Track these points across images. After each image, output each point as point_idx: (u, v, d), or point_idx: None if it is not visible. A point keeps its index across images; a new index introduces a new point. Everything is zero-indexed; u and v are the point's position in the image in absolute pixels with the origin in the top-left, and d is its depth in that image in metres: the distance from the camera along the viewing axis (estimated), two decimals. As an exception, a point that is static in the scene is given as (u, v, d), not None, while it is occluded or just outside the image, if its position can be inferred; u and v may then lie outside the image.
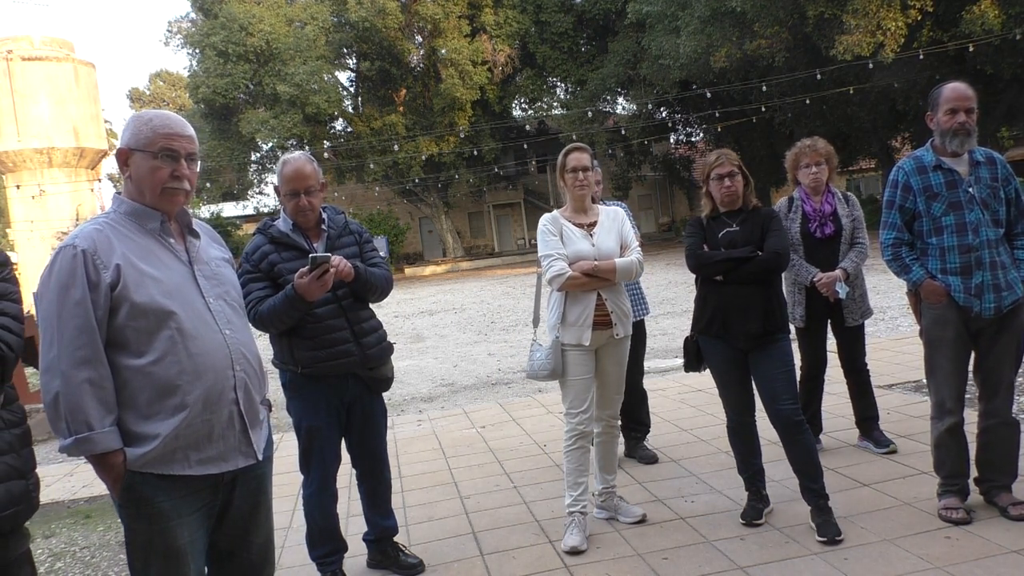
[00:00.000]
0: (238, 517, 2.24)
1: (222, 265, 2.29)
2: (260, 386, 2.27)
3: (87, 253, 2.00)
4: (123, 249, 2.05)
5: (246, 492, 2.23)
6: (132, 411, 2.02)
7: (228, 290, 2.25)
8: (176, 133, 2.13)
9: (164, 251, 2.14)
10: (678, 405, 5.90)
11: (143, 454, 2.01)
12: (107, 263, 2.01)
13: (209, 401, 2.07)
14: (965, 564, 2.93)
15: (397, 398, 7.90)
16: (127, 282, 2.01)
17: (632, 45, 28.55)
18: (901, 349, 6.93)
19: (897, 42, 18.72)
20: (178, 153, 2.13)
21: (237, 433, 2.15)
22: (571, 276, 3.47)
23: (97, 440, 1.97)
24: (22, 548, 2.18)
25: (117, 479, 2.02)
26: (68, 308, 1.97)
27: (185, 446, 2.05)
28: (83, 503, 5.27)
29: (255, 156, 35.37)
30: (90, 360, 1.97)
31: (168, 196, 2.14)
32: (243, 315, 2.30)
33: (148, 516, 2.04)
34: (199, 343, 2.07)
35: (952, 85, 3.33)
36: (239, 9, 30.95)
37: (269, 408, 2.38)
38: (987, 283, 3.24)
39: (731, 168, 3.51)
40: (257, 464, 2.23)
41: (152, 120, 2.14)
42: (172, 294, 2.07)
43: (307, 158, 3.26)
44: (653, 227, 40.68)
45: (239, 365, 2.16)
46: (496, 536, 3.76)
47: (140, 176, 2.13)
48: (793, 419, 3.42)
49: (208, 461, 2.09)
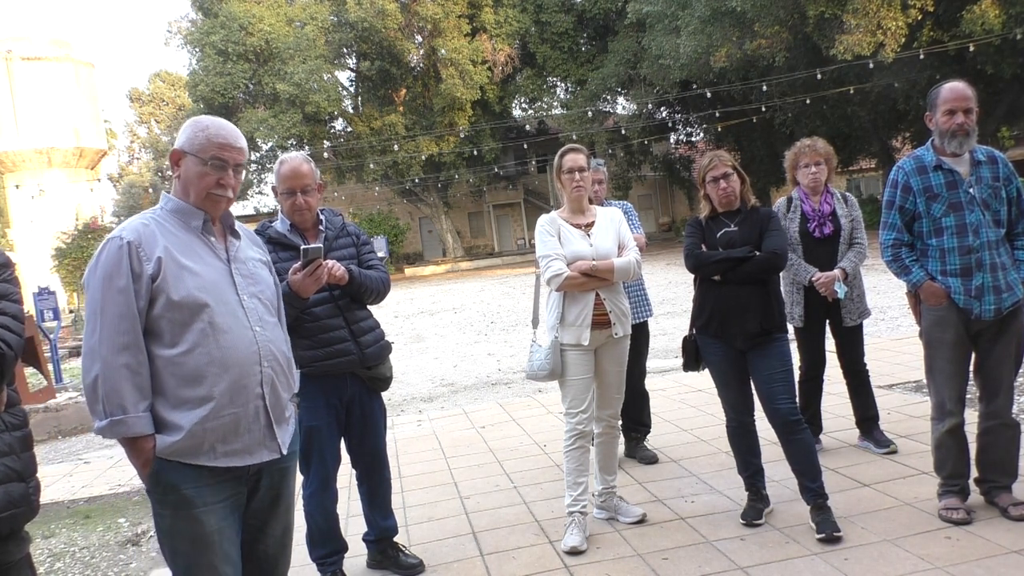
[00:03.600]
0: (258, 508, 2.30)
1: (259, 266, 2.38)
2: (288, 383, 2.34)
3: (132, 245, 2.10)
4: (166, 243, 2.15)
5: (270, 484, 2.30)
6: (162, 399, 2.11)
7: (263, 289, 2.33)
8: (228, 144, 2.24)
9: (204, 248, 2.23)
10: (678, 405, 5.90)
11: (172, 443, 2.09)
12: (150, 255, 2.10)
13: (235, 394, 2.14)
14: (965, 564, 2.92)
15: (397, 398, 7.90)
16: (166, 275, 2.10)
17: (632, 45, 28.54)
18: (901, 349, 6.93)
19: (897, 42, 18.71)
20: (227, 163, 2.23)
21: (262, 427, 2.22)
22: (569, 276, 3.47)
23: (131, 423, 2.05)
24: (22, 552, 2.17)
25: (146, 464, 2.10)
26: (112, 296, 2.07)
27: (212, 439, 2.12)
28: (83, 503, 5.27)
29: (255, 156, 35.30)
30: (129, 346, 2.06)
31: (212, 201, 2.24)
32: (275, 315, 2.37)
33: (174, 502, 2.12)
34: (229, 337, 2.15)
35: (951, 85, 3.31)
36: (239, 8, 30.95)
37: (297, 405, 2.44)
38: (987, 285, 3.23)
39: (725, 169, 3.52)
40: (282, 458, 2.29)
41: (208, 128, 2.24)
42: (208, 288, 2.15)
43: (304, 158, 3.29)
44: (653, 227, 40.67)
45: (267, 362, 2.22)
46: (496, 536, 3.76)
47: (188, 178, 2.23)
48: (790, 418, 3.42)
49: (233, 454, 2.16)
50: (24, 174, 28.31)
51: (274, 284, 2.43)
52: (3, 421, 2.15)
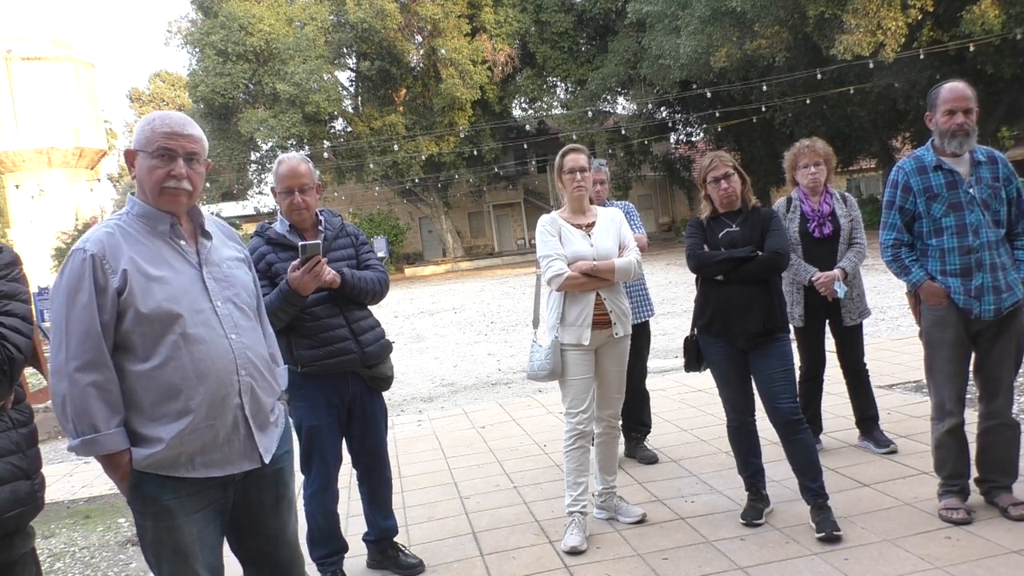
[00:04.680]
0: (263, 516, 2.27)
1: (235, 266, 2.28)
2: (270, 387, 2.26)
3: (96, 257, 2.02)
4: (131, 253, 2.06)
5: (266, 489, 2.26)
6: (138, 413, 2.05)
7: (238, 292, 2.23)
8: (174, 132, 2.12)
9: (173, 254, 2.14)
10: (678, 405, 5.90)
11: (149, 455, 2.04)
12: (115, 268, 2.03)
13: (213, 406, 2.08)
14: (965, 564, 2.93)
15: (397, 398, 7.90)
16: (133, 287, 2.02)
17: (632, 45, 28.54)
18: (901, 349, 6.93)
19: (897, 42, 18.72)
20: (175, 152, 2.11)
21: (242, 438, 2.15)
22: (570, 276, 3.47)
23: (103, 441, 2.00)
24: (27, 547, 2.19)
25: (124, 477, 2.06)
26: (75, 312, 1.99)
27: (191, 451, 2.07)
28: (83, 503, 5.27)
29: (255, 156, 35.36)
30: (96, 364, 1.99)
31: (168, 196, 2.12)
32: (253, 317, 2.28)
33: (154, 513, 2.08)
34: (203, 348, 2.07)
35: (950, 85, 3.31)
36: (239, 8, 30.95)
37: (287, 403, 2.39)
38: (987, 285, 3.23)
39: (726, 170, 3.52)
40: (273, 460, 2.24)
41: (153, 121, 2.14)
42: (178, 298, 2.07)
43: (302, 158, 3.31)
44: (653, 227, 40.66)
45: (244, 370, 2.15)
46: (496, 536, 3.76)
47: (141, 177, 2.13)
48: (791, 418, 3.42)
49: (212, 464, 2.10)
50: (24, 174, 28.35)
51: (252, 283, 2.34)
52: (10, 418, 2.15)
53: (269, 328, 2.41)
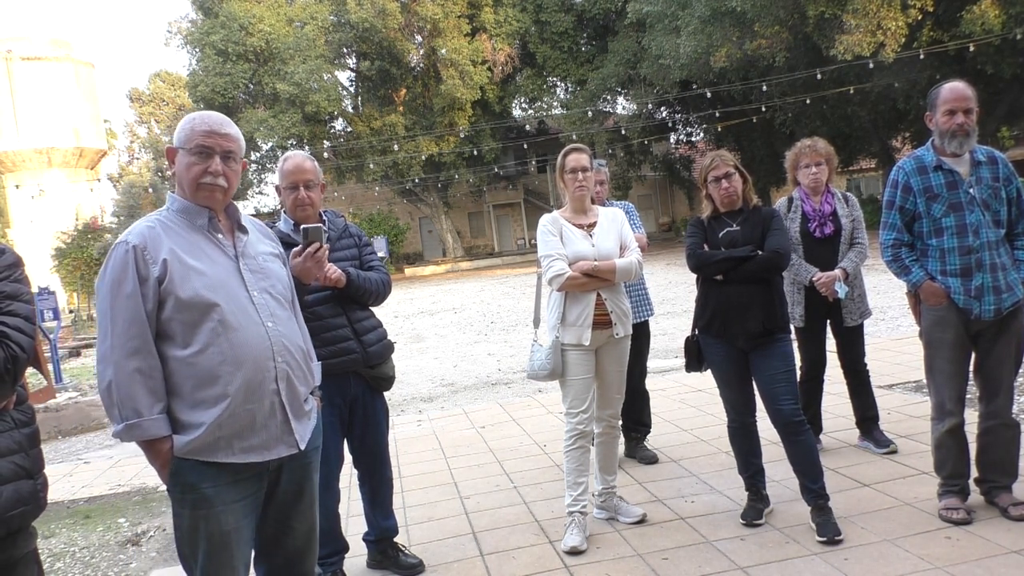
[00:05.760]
0: (283, 504, 2.31)
1: (270, 260, 2.36)
2: (305, 378, 2.32)
3: (137, 248, 2.11)
4: (171, 244, 2.15)
5: (291, 479, 2.30)
6: (179, 399, 2.12)
7: (274, 283, 2.31)
8: (212, 131, 2.22)
9: (211, 246, 2.23)
10: (678, 405, 5.90)
11: (188, 441, 2.10)
12: (156, 258, 2.12)
13: (250, 391, 2.14)
14: (965, 564, 2.93)
15: (397, 398, 7.90)
16: (173, 276, 2.11)
17: (632, 45, 28.54)
18: (901, 349, 6.93)
19: (897, 42, 18.72)
20: (212, 150, 2.21)
21: (279, 423, 2.21)
22: (571, 276, 3.47)
23: (146, 427, 2.08)
24: (29, 547, 2.19)
25: (164, 464, 2.12)
26: (120, 301, 2.09)
27: (229, 435, 2.12)
28: (83, 503, 5.27)
29: (255, 156, 35.34)
30: (140, 350, 2.08)
31: (204, 192, 2.22)
32: (289, 308, 2.35)
33: (193, 501, 2.13)
34: (240, 334, 2.14)
35: (950, 85, 3.31)
36: (239, 8, 30.96)
37: (320, 398, 2.44)
38: (987, 285, 3.23)
39: (727, 169, 3.52)
40: (303, 453, 2.29)
41: (194, 119, 2.25)
42: (215, 287, 2.15)
43: (306, 155, 3.33)
44: (653, 227, 40.67)
45: (280, 357, 2.21)
46: (496, 536, 3.77)
47: (179, 173, 2.24)
48: (793, 419, 3.42)
49: (251, 449, 2.16)
50: (24, 174, 28.36)
51: (287, 277, 2.42)
52: (12, 418, 2.16)
53: (303, 323, 2.46)
